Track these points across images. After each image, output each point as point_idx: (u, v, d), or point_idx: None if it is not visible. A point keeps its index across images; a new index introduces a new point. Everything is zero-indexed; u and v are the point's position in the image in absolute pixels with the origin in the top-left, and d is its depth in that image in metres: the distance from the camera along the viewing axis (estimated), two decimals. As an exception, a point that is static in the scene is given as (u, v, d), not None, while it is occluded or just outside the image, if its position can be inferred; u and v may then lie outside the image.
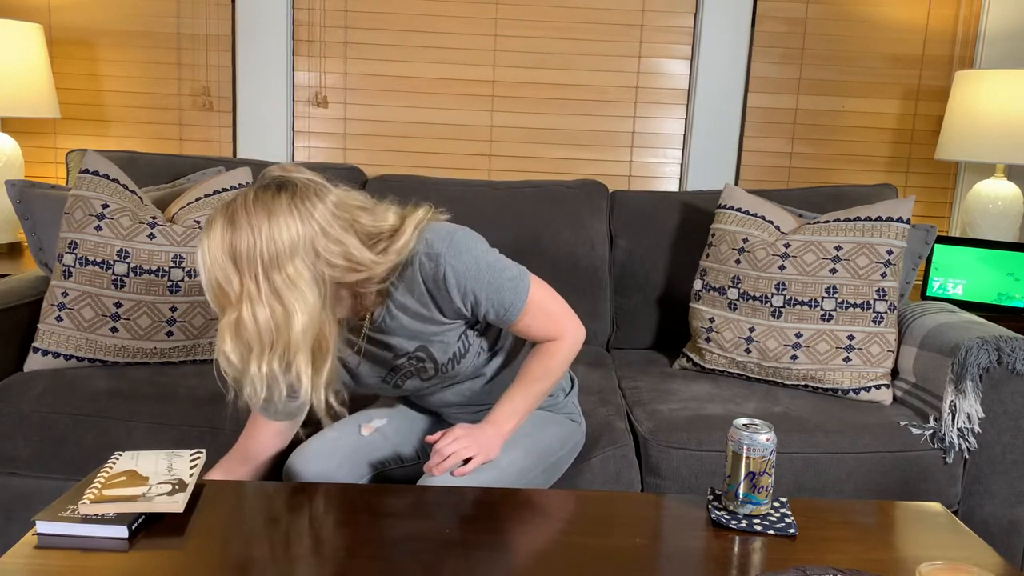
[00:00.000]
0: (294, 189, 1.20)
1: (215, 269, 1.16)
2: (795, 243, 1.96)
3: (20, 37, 2.41)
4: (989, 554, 1.14)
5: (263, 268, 1.15)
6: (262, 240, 1.15)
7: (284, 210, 1.17)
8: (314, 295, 1.19)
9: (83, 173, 1.91)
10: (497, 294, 1.31)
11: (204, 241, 1.17)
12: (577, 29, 2.72)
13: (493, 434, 1.35)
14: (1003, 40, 2.67)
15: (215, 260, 1.16)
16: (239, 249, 1.15)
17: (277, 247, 1.16)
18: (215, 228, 1.17)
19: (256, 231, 1.15)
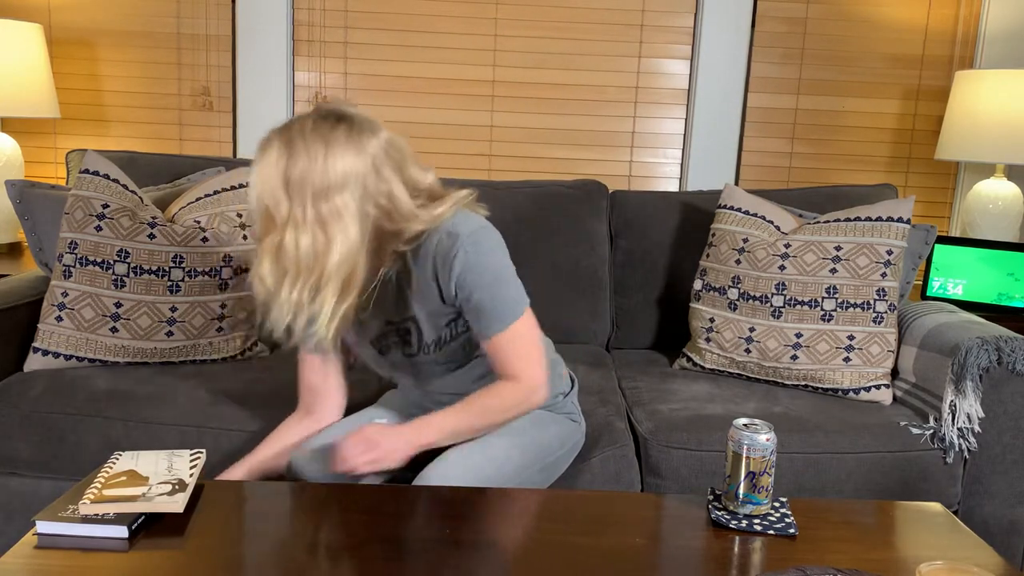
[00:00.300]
0: (351, 123, 1.22)
1: (265, 192, 1.19)
2: (795, 243, 1.96)
3: (20, 37, 2.41)
4: (989, 554, 1.14)
5: (313, 196, 1.18)
6: (316, 169, 1.18)
7: (341, 142, 1.20)
8: (355, 230, 1.21)
9: (83, 173, 1.91)
10: (490, 302, 1.31)
11: (258, 163, 1.19)
12: (577, 29, 2.72)
13: (404, 442, 1.32)
14: (1003, 40, 2.67)
15: (267, 183, 1.19)
16: (292, 175, 1.18)
17: (330, 177, 1.18)
18: (271, 152, 1.19)
19: (312, 159, 1.18)
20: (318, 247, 1.19)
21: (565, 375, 1.63)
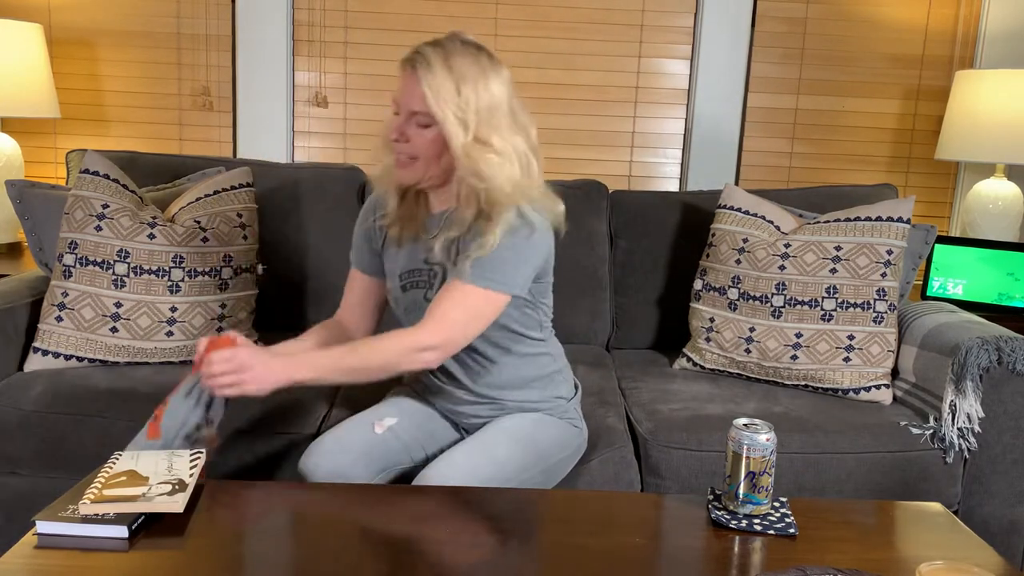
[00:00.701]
0: (490, 55, 1.41)
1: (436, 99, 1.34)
2: (795, 243, 1.96)
3: (20, 37, 2.41)
4: (989, 554, 1.14)
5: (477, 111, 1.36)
6: (480, 87, 1.37)
7: (490, 68, 1.39)
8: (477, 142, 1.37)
9: (83, 173, 1.91)
10: (488, 259, 1.37)
11: (426, 76, 1.34)
12: (577, 29, 2.72)
13: (278, 369, 1.32)
14: (1003, 40, 2.67)
15: (439, 92, 1.34)
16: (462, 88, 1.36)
17: (493, 98, 1.37)
18: (435, 67, 1.34)
19: (476, 79, 1.37)
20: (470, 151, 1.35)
21: (570, 380, 1.63)
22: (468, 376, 1.52)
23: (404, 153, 1.41)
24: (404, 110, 1.39)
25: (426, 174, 1.43)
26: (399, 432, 1.50)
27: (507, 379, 1.52)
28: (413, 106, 1.38)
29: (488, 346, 1.49)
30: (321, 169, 2.31)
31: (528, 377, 1.54)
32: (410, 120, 1.39)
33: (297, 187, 2.23)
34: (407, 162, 1.42)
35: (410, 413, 1.56)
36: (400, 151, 1.41)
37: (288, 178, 2.25)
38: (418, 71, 1.35)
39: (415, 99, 1.37)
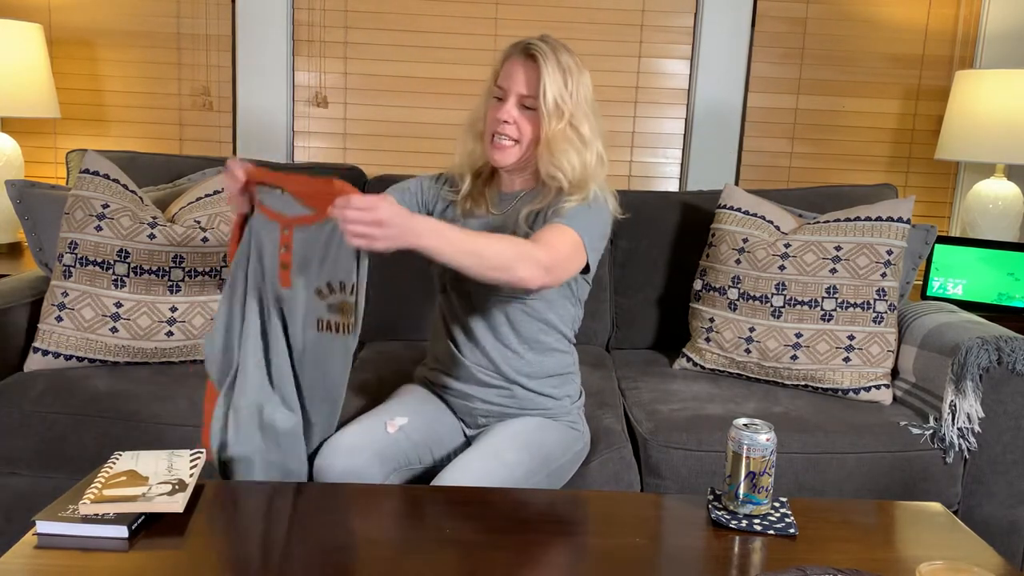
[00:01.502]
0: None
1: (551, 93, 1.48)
2: (795, 243, 1.96)
3: (20, 37, 2.41)
4: (989, 554, 1.14)
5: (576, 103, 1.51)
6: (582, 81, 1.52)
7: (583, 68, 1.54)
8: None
9: (83, 173, 1.91)
10: (579, 213, 1.49)
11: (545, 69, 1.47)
12: (577, 29, 2.72)
13: (410, 230, 1.23)
14: (1003, 40, 2.67)
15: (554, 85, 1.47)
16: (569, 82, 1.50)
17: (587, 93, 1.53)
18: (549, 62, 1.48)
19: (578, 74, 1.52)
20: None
21: (578, 384, 1.65)
22: (500, 355, 1.55)
23: (508, 136, 1.51)
24: (513, 94, 1.51)
25: (521, 156, 1.53)
26: (409, 432, 1.51)
27: (532, 369, 1.56)
28: (523, 90, 1.50)
29: (529, 330, 1.55)
30: (321, 169, 2.31)
31: (549, 370, 1.58)
32: (517, 104, 1.51)
33: (297, 187, 2.23)
34: (507, 145, 1.52)
35: (419, 413, 1.56)
36: (505, 132, 1.51)
37: (288, 178, 2.24)
38: (537, 59, 1.48)
39: (528, 84, 1.49)
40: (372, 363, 2.01)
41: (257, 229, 1.39)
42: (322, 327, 1.35)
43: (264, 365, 1.40)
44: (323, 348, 1.37)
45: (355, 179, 2.30)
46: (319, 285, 1.33)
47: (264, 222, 1.37)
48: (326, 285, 1.33)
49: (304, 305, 1.35)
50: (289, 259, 1.33)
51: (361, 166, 2.40)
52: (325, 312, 1.34)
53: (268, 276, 1.38)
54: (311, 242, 1.32)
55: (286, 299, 1.38)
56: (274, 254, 1.36)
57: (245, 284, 1.41)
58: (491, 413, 1.57)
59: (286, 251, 1.33)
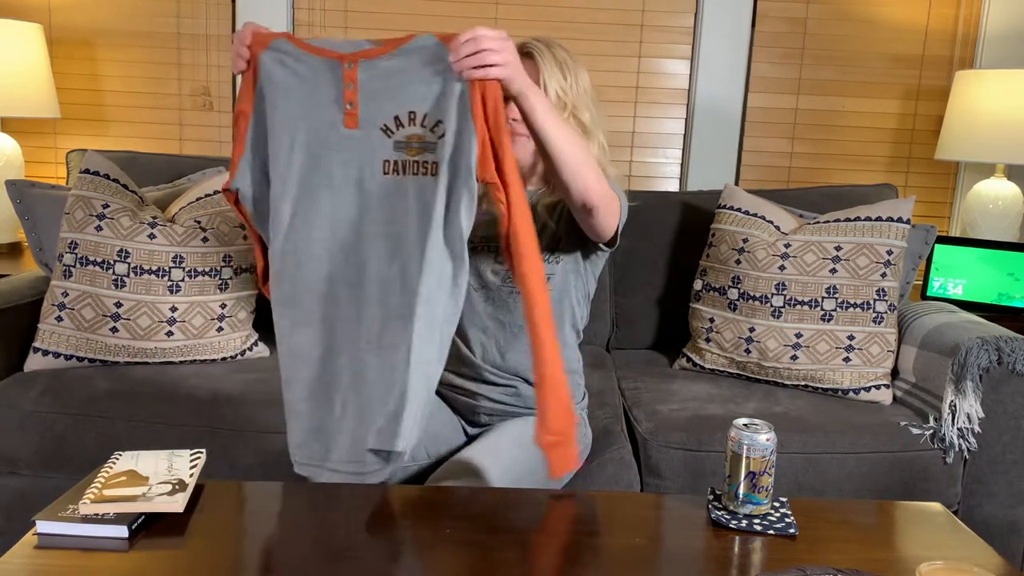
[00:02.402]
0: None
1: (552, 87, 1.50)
2: (795, 243, 1.96)
3: (20, 37, 2.41)
4: (989, 554, 1.14)
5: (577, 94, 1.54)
6: (580, 75, 1.56)
7: (579, 62, 1.57)
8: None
9: (83, 173, 1.91)
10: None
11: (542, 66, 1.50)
12: (577, 29, 2.72)
13: (524, 72, 1.22)
14: (1003, 40, 2.67)
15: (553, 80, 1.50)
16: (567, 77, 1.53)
17: (585, 85, 1.57)
18: (546, 60, 1.50)
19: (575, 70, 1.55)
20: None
21: (581, 385, 1.65)
22: (509, 354, 1.55)
23: (519, 132, 1.49)
24: None
25: (535, 151, 1.47)
26: None
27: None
28: None
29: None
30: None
31: None
32: None
33: (297, 187, 2.23)
34: (522, 138, 1.50)
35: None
36: (516, 129, 1.50)
37: (288, 178, 2.25)
38: (534, 56, 1.51)
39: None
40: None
41: (293, 77, 1.24)
42: (388, 169, 1.23)
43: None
44: (392, 196, 1.23)
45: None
46: (386, 121, 1.22)
47: (312, 64, 1.23)
48: (394, 119, 1.22)
49: (370, 148, 1.24)
50: (355, 96, 1.22)
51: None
52: (391, 151, 1.22)
53: (322, 123, 1.24)
54: (379, 77, 1.22)
55: (348, 147, 1.24)
56: (333, 96, 1.23)
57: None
58: (495, 412, 1.57)
59: (352, 88, 1.21)
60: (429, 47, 1.19)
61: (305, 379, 1.30)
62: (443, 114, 1.20)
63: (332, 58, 1.23)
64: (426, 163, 1.22)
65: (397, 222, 1.24)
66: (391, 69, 1.21)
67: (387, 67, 1.21)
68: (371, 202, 1.25)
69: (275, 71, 1.25)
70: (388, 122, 1.22)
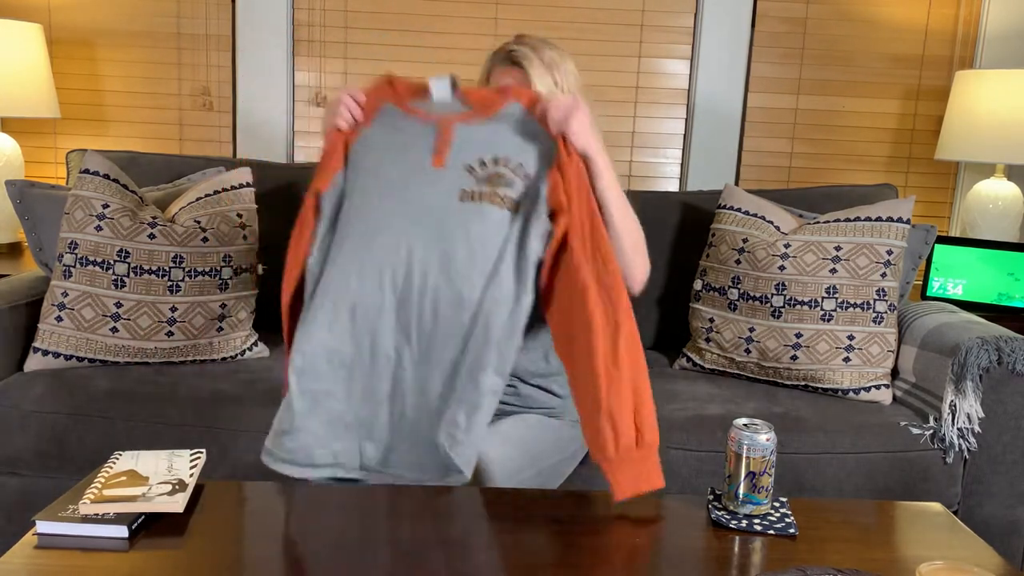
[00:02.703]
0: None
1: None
2: (795, 243, 1.96)
3: (20, 37, 2.41)
4: (989, 554, 1.14)
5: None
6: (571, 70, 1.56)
7: (565, 54, 1.56)
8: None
9: (83, 173, 1.91)
10: None
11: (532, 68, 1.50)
12: (577, 29, 2.72)
13: (595, 138, 1.37)
14: (1003, 40, 2.67)
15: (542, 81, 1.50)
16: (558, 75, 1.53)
17: (575, 80, 1.55)
18: (533, 57, 1.50)
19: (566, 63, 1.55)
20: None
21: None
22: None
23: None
24: None
25: None
26: None
27: (537, 367, 1.55)
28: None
29: (537, 327, 1.50)
30: (321, 169, 2.30)
31: (555, 368, 1.56)
32: None
33: (297, 187, 2.23)
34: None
35: None
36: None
37: (288, 178, 2.25)
38: (524, 65, 1.50)
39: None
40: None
41: (392, 130, 1.39)
42: (464, 197, 1.33)
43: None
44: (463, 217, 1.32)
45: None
46: (471, 162, 1.34)
47: (411, 123, 1.39)
48: (478, 161, 1.34)
49: (451, 180, 1.34)
50: (447, 148, 1.35)
51: (361, 166, 2.40)
52: (472, 184, 1.33)
53: (412, 161, 1.36)
54: (472, 135, 1.36)
55: (433, 180, 1.35)
56: (427, 147, 1.36)
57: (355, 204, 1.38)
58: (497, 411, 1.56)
59: (445, 144, 1.36)
60: (516, 113, 1.36)
61: (346, 385, 1.33)
62: (525, 159, 1.34)
63: (431, 121, 1.39)
64: (504, 196, 1.33)
65: (466, 243, 1.31)
66: (483, 131, 1.37)
67: (480, 129, 1.37)
68: (443, 224, 1.32)
69: (375, 126, 1.41)
70: (473, 163, 1.35)
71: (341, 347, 1.32)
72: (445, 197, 1.33)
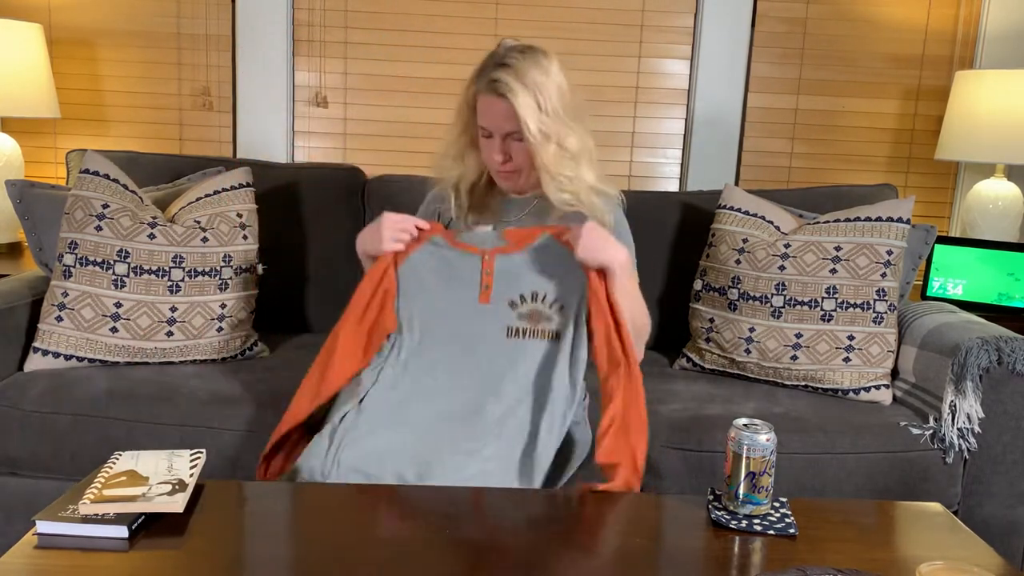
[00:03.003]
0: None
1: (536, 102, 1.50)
2: (795, 243, 1.96)
3: (20, 37, 2.41)
4: (989, 554, 1.14)
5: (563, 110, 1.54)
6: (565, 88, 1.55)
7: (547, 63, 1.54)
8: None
9: (83, 173, 1.91)
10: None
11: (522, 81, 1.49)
12: (577, 29, 2.72)
13: (615, 246, 1.49)
14: (1003, 40, 2.67)
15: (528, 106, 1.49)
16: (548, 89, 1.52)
17: (561, 96, 1.53)
18: (516, 85, 1.48)
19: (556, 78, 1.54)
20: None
21: (581, 385, 1.65)
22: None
23: (508, 168, 1.58)
24: (498, 133, 1.55)
25: (528, 180, 1.61)
26: None
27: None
28: (507, 128, 1.53)
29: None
30: (321, 169, 2.31)
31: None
32: (506, 139, 1.55)
33: (297, 187, 2.24)
34: (510, 175, 1.60)
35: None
36: (504, 168, 1.58)
37: (288, 178, 2.25)
38: (508, 97, 1.49)
39: (508, 121, 1.52)
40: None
41: (440, 260, 1.57)
42: (511, 334, 1.53)
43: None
44: (514, 354, 1.51)
45: (355, 179, 2.31)
46: (513, 298, 1.54)
47: (454, 255, 1.57)
48: (519, 296, 1.53)
49: (496, 316, 1.54)
50: (491, 281, 1.55)
51: (361, 166, 2.40)
52: (515, 320, 1.53)
53: (460, 295, 1.55)
54: (511, 265, 1.55)
55: (481, 315, 1.54)
56: (472, 279, 1.56)
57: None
58: None
59: (488, 275, 1.55)
60: (549, 244, 1.54)
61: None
62: (560, 290, 1.53)
63: (474, 252, 1.56)
64: (544, 330, 1.52)
65: (514, 380, 1.49)
66: (520, 261, 1.55)
67: (518, 259, 1.55)
68: (492, 362, 1.51)
69: (423, 252, 1.58)
70: (515, 298, 1.54)
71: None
72: (493, 336, 1.52)
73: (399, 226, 1.53)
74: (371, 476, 1.35)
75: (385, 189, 2.25)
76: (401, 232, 1.53)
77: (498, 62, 1.52)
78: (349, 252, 1.66)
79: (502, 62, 1.51)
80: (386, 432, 1.42)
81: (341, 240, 2.23)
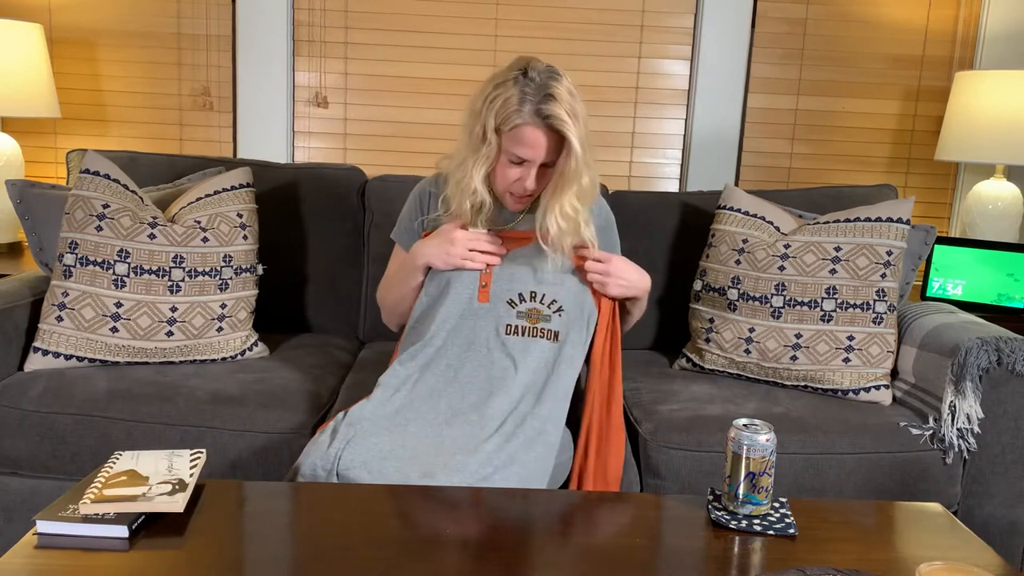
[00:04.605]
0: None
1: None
2: (795, 244, 1.96)
3: (20, 37, 2.41)
4: (989, 554, 1.14)
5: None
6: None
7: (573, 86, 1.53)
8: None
9: (83, 173, 1.91)
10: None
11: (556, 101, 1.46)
12: (577, 29, 2.72)
13: (639, 275, 1.65)
14: (1003, 40, 2.67)
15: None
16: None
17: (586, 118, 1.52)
18: (567, 116, 1.46)
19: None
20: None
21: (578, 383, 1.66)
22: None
23: (529, 195, 1.58)
24: (536, 162, 1.52)
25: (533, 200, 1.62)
26: None
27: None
28: (548, 159, 1.51)
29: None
30: (321, 169, 2.31)
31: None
32: (540, 169, 1.54)
33: (297, 187, 2.24)
34: (526, 200, 1.61)
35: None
36: (524, 194, 1.58)
37: (288, 178, 2.25)
38: (562, 132, 1.46)
39: (550, 152, 1.50)
40: (372, 363, 2.01)
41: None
42: (510, 332, 1.55)
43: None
44: (514, 352, 1.54)
45: (355, 179, 2.31)
46: (512, 297, 1.57)
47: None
48: (518, 296, 1.57)
49: (496, 315, 1.56)
50: (489, 280, 1.58)
51: (361, 166, 2.40)
52: (514, 319, 1.56)
53: (462, 296, 1.58)
54: (507, 266, 1.59)
55: (480, 314, 1.57)
56: (471, 279, 1.59)
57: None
58: None
59: (486, 274, 1.59)
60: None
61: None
62: (560, 295, 1.57)
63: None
64: (544, 329, 1.55)
65: (513, 374, 1.51)
66: (519, 261, 1.59)
67: (517, 259, 1.59)
68: (492, 355, 1.54)
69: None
70: (514, 297, 1.57)
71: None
72: (494, 332, 1.55)
73: (471, 245, 1.57)
74: (373, 475, 1.35)
75: (385, 189, 2.25)
76: (471, 253, 1.57)
77: (544, 92, 1.46)
78: (349, 252, 1.67)
79: (548, 92, 1.46)
80: (387, 431, 1.42)
81: (341, 240, 2.23)
